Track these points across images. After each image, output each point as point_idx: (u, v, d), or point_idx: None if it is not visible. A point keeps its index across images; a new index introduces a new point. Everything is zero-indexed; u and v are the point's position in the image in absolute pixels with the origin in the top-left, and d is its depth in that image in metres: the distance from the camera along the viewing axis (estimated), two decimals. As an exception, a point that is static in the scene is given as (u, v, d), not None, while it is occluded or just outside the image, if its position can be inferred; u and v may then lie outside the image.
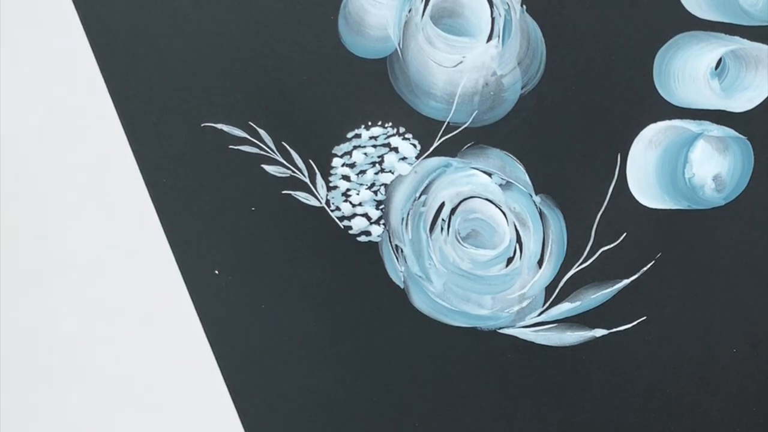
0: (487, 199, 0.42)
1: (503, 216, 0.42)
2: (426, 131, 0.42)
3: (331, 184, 0.43)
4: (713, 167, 0.41)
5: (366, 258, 0.42)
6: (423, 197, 0.42)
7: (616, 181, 0.41)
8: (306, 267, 0.43)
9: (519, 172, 0.42)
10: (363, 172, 0.43)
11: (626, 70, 0.41)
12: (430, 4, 0.42)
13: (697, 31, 0.41)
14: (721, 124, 0.41)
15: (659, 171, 0.41)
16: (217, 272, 0.43)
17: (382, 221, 0.42)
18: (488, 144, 0.42)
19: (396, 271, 0.42)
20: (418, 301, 0.42)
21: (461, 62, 0.42)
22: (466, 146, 0.42)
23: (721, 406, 0.41)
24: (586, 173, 0.41)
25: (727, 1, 0.41)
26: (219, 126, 0.43)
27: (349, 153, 0.43)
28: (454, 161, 0.42)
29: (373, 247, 0.42)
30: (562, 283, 0.42)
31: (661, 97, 0.41)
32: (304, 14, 0.42)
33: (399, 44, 0.42)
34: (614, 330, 0.41)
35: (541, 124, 0.42)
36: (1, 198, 0.44)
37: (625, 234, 0.41)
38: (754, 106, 0.41)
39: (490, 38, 0.42)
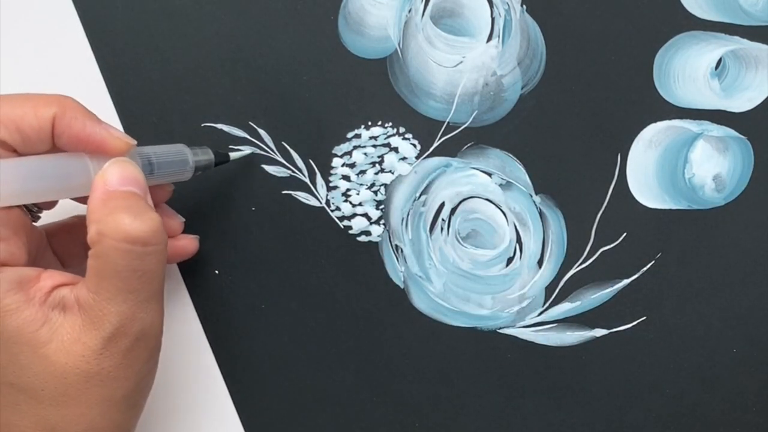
0: (487, 199, 0.42)
1: (503, 216, 0.42)
2: (426, 131, 0.42)
3: (331, 184, 0.43)
4: (713, 167, 0.41)
5: (366, 258, 0.42)
6: (423, 197, 0.42)
7: (616, 181, 0.41)
8: (306, 267, 0.43)
9: (519, 172, 0.42)
10: (363, 172, 0.43)
11: (626, 70, 0.41)
12: (430, 4, 0.42)
13: (697, 31, 0.41)
14: (721, 124, 0.41)
15: (659, 171, 0.41)
16: (217, 272, 0.43)
17: (382, 221, 0.42)
18: (488, 144, 0.42)
19: (396, 271, 0.42)
20: (418, 301, 0.42)
21: (461, 62, 0.42)
22: (466, 146, 0.42)
23: (721, 406, 0.41)
24: (586, 173, 0.41)
25: (727, 1, 0.41)
26: (219, 126, 0.43)
27: (349, 153, 0.43)
28: (454, 161, 0.42)
29: (373, 247, 0.42)
30: (562, 283, 0.42)
31: (661, 97, 0.41)
32: (304, 14, 0.42)
33: (399, 44, 0.42)
34: (614, 330, 0.41)
35: (541, 124, 0.42)
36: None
37: (625, 234, 0.41)
38: (754, 106, 0.41)
39: (490, 38, 0.42)
